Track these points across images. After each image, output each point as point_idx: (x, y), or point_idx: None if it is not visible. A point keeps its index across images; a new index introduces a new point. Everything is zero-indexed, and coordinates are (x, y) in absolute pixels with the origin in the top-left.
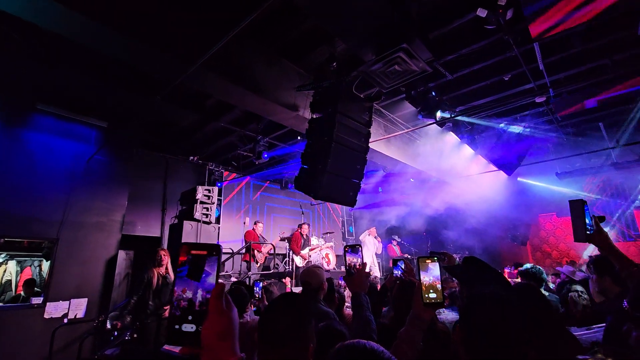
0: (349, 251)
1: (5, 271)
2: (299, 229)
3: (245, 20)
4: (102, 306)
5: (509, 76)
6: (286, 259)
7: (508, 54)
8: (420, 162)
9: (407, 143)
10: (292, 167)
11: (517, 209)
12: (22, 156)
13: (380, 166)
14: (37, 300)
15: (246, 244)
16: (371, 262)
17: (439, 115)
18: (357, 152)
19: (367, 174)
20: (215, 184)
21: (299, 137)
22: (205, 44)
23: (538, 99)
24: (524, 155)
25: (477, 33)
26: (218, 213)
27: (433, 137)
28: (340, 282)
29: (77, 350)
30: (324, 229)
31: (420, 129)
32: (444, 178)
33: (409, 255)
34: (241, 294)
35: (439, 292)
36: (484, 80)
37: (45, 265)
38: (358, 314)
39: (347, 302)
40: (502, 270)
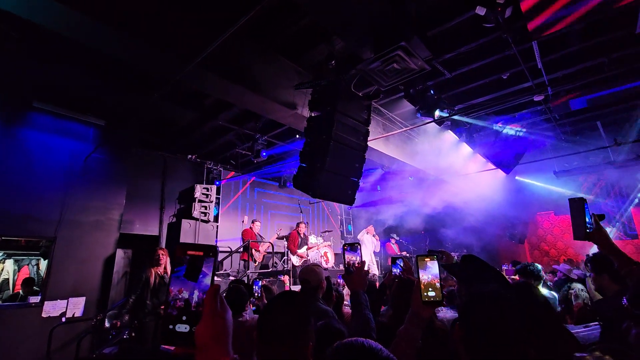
0: (347, 249)
1: (2, 270)
2: (297, 227)
3: (243, 18)
4: (100, 305)
5: (507, 74)
6: (285, 258)
7: (507, 53)
8: (419, 160)
9: (406, 141)
10: (291, 165)
11: (515, 208)
12: (19, 154)
13: (378, 164)
14: (35, 299)
15: (244, 243)
16: (369, 261)
17: (437, 114)
18: (355, 151)
19: (365, 172)
20: (214, 183)
21: (297, 136)
22: (203, 42)
23: (536, 98)
24: (522, 153)
25: (476, 31)
26: (216, 212)
27: (432, 136)
28: (339, 281)
29: (75, 349)
30: (323, 227)
31: (419, 127)
32: (443, 176)
33: (408, 254)
34: (240, 292)
35: (437, 290)
36: (482, 79)
37: (43, 264)
38: (357, 313)
39: (346, 300)
40: (500, 269)
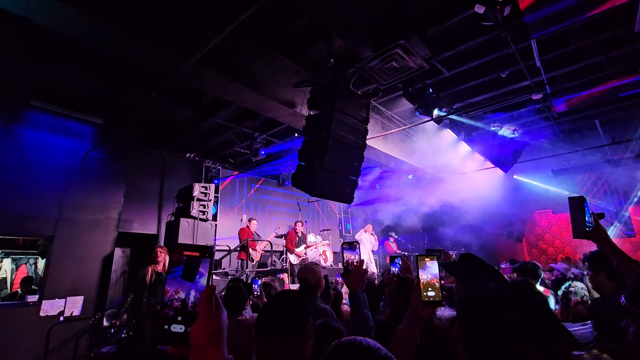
0: (346, 248)
1: (0, 269)
2: (295, 226)
3: (241, 16)
4: (98, 304)
5: (506, 73)
6: (283, 256)
7: (505, 51)
8: (418, 159)
9: (405, 140)
10: (290, 164)
11: (513, 206)
12: (16, 153)
13: (377, 163)
14: (33, 298)
15: (242, 243)
16: (368, 259)
17: (436, 112)
18: (354, 149)
19: (364, 170)
20: (212, 181)
21: (296, 134)
22: (202, 40)
23: (535, 96)
24: (521, 151)
25: (475, 30)
26: (215, 210)
27: (430, 134)
28: (337, 279)
29: (73, 348)
30: (321, 226)
31: (418, 126)
32: (441, 175)
33: (406, 252)
34: (240, 291)
35: (437, 290)
36: (481, 77)
37: (41, 263)
38: (356, 311)
39: (345, 299)
40: (498, 267)
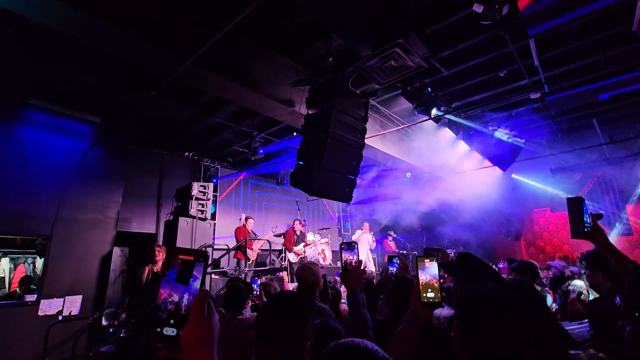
0: (345, 248)
1: None
2: (293, 225)
3: (239, 15)
4: (97, 303)
5: (504, 72)
6: (282, 255)
7: (504, 50)
8: (416, 158)
9: (403, 139)
10: (289, 163)
11: (510, 205)
12: (14, 152)
13: (376, 162)
14: (31, 297)
15: (239, 243)
16: (366, 258)
17: (434, 112)
18: (352, 148)
19: (362, 169)
20: (211, 180)
21: (294, 133)
22: (201, 40)
23: (533, 95)
24: (519, 150)
25: (473, 29)
26: (214, 209)
27: (429, 133)
28: (336, 278)
29: (72, 347)
30: (320, 224)
31: (416, 125)
32: (440, 174)
33: (405, 251)
34: (240, 290)
35: (437, 291)
36: (479, 76)
37: (39, 262)
38: (354, 311)
39: (344, 297)
40: (496, 266)
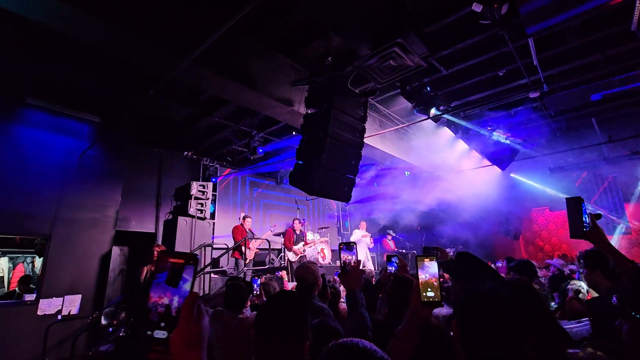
0: (343, 249)
1: None
2: (292, 224)
3: (238, 14)
4: (96, 303)
5: (503, 71)
6: (281, 254)
7: (503, 49)
8: (415, 157)
9: (402, 138)
10: (288, 162)
11: (509, 204)
12: (12, 151)
13: (374, 161)
14: (30, 297)
15: (236, 242)
16: (365, 258)
17: (433, 112)
18: (352, 148)
19: (361, 168)
20: (210, 180)
21: (293, 132)
22: (199, 38)
23: (532, 95)
24: (518, 149)
25: (472, 28)
26: (213, 208)
27: (428, 132)
28: (335, 278)
29: (71, 346)
30: (319, 223)
31: (415, 124)
32: (439, 173)
33: (404, 250)
34: (240, 289)
35: (436, 290)
36: (478, 76)
37: (38, 261)
38: (353, 311)
39: (343, 297)
40: (495, 265)
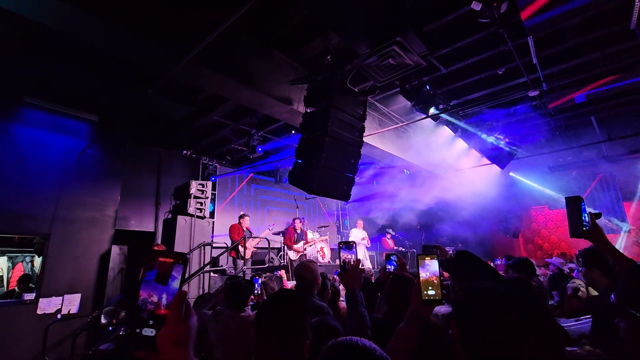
0: (343, 248)
1: None
2: (293, 223)
3: (238, 12)
4: (96, 302)
5: (502, 70)
6: (281, 253)
7: (502, 48)
8: (415, 155)
9: (401, 137)
10: (287, 161)
11: (509, 202)
12: (11, 151)
13: (374, 160)
14: (30, 296)
15: (234, 241)
16: (363, 256)
17: (432, 111)
18: (351, 146)
19: (360, 167)
20: (209, 179)
21: (293, 131)
22: (198, 37)
23: (531, 93)
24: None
25: (472, 26)
26: (212, 207)
27: (428, 131)
28: (335, 277)
29: (71, 346)
30: (319, 222)
31: (415, 123)
32: (438, 171)
33: (403, 249)
34: (242, 287)
35: (437, 289)
36: (478, 74)
37: (37, 261)
38: (353, 310)
39: (342, 295)
40: (494, 263)
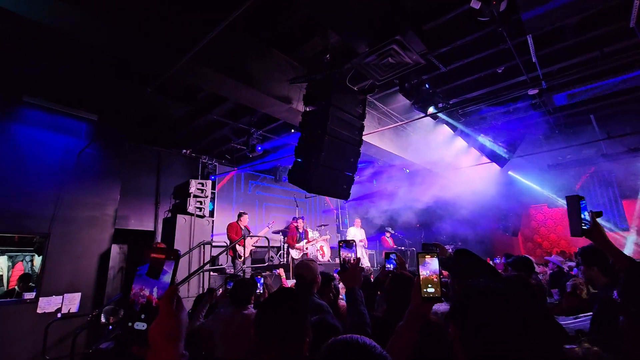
0: (343, 246)
1: None
2: (294, 222)
3: (237, 11)
4: (96, 301)
5: (502, 68)
6: (281, 252)
7: (501, 46)
8: (414, 154)
9: (401, 135)
10: (286, 159)
11: (508, 200)
12: (10, 150)
13: (373, 158)
14: (30, 295)
15: (232, 240)
16: (361, 254)
17: (431, 110)
18: (350, 145)
19: (360, 166)
20: (209, 177)
21: (292, 130)
22: (197, 36)
23: (531, 92)
24: (516, 146)
25: (471, 25)
26: (212, 206)
27: (427, 129)
28: (335, 275)
29: (71, 344)
30: (319, 221)
31: (414, 121)
32: (437, 170)
33: (403, 247)
34: (245, 284)
35: (437, 286)
36: (477, 73)
37: (37, 260)
38: (353, 309)
39: (342, 294)
40: (493, 261)
